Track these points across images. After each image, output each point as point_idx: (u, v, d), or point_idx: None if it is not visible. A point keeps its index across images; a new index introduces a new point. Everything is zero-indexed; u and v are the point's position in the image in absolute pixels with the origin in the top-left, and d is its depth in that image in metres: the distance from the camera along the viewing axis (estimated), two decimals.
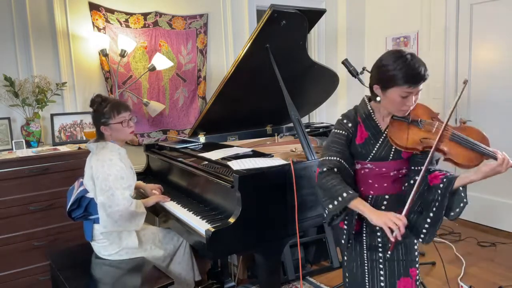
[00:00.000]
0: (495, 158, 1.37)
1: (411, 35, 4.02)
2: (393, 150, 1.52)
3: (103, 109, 2.08)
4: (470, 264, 2.94)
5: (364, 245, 1.61)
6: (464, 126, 1.49)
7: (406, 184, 1.56)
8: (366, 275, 1.62)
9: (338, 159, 1.50)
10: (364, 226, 1.61)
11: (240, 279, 2.79)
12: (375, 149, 1.53)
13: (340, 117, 1.59)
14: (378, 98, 1.50)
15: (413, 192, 1.42)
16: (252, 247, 1.88)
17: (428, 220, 1.49)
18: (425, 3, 3.87)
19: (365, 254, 1.62)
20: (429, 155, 1.42)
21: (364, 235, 1.61)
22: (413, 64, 1.39)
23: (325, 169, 1.49)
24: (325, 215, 1.52)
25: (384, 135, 1.53)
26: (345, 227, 1.55)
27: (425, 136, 1.46)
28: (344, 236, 1.57)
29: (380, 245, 1.59)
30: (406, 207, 1.40)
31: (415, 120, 1.50)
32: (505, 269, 2.86)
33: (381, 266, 1.59)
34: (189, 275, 2.32)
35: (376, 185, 1.57)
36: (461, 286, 2.63)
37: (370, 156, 1.54)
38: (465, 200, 1.44)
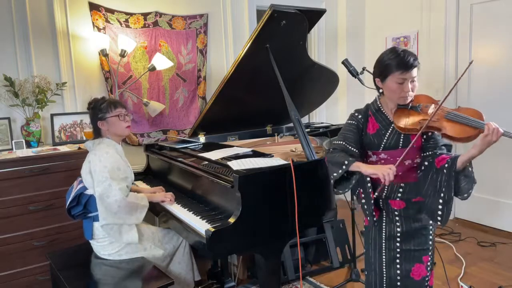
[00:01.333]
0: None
1: (411, 35, 4.02)
2: (402, 138, 1.65)
3: (100, 105, 2.15)
4: (470, 264, 2.94)
5: (383, 234, 1.73)
6: (461, 108, 1.59)
7: (419, 172, 1.67)
8: (384, 264, 1.74)
9: (343, 143, 1.70)
10: (384, 216, 1.74)
11: (240, 279, 2.79)
12: (386, 138, 1.67)
13: (353, 111, 1.77)
14: (381, 90, 1.69)
15: (407, 149, 1.56)
16: (252, 247, 1.88)
17: (441, 201, 1.58)
18: (425, 3, 3.87)
19: (383, 244, 1.74)
20: (423, 127, 1.54)
21: (384, 224, 1.73)
22: (404, 53, 1.60)
23: (331, 149, 1.72)
24: (331, 182, 1.69)
25: (393, 125, 1.67)
26: (363, 200, 1.71)
27: (423, 118, 1.58)
28: (366, 207, 1.71)
29: (398, 234, 1.71)
30: (399, 160, 1.56)
31: (414, 105, 1.64)
32: (505, 269, 2.86)
33: (398, 255, 1.71)
34: (189, 275, 2.32)
35: None
36: (461, 286, 2.63)
37: (382, 145, 1.67)
38: (473, 175, 1.55)
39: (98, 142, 2.15)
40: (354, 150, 1.68)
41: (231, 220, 1.76)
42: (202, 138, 2.93)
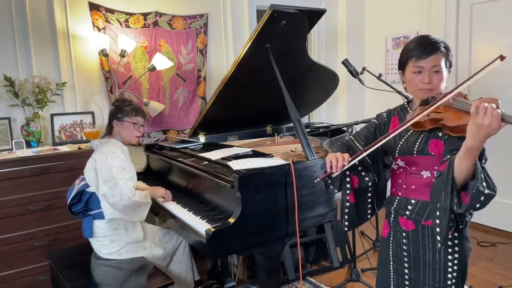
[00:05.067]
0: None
1: (411, 35, 4.02)
2: (418, 141, 1.38)
3: (124, 107, 2.20)
4: (470, 264, 2.91)
5: (391, 255, 1.52)
6: (482, 98, 1.23)
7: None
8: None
9: (352, 137, 1.58)
10: (391, 235, 1.52)
11: (240, 279, 2.79)
12: (402, 140, 1.43)
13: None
14: (404, 85, 1.48)
15: (367, 147, 1.39)
16: (252, 247, 1.88)
17: (438, 213, 1.24)
18: (425, 3, 3.87)
19: (391, 265, 1.52)
20: (423, 113, 1.27)
21: (391, 244, 1.51)
22: (424, 37, 1.38)
23: (338, 143, 1.59)
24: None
25: None
26: (347, 204, 1.51)
27: (433, 110, 1.29)
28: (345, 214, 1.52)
29: (406, 259, 1.46)
30: (358, 155, 1.39)
31: (433, 98, 1.34)
32: (505, 269, 2.86)
33: (407, 283, 1.46)
34: (189, 275, 2.32)
35: (404, 186, 1.46)
36: None
37: (398, 149, 1.44)
38: (477, 185, 1.13)
39: (105, 141, 2.16)
40: (359, 146, 1.52)
41: (231, 220, 1.76)
42: (202, 138, 2.93)
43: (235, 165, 1.91)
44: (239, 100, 2.71)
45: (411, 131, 1.41)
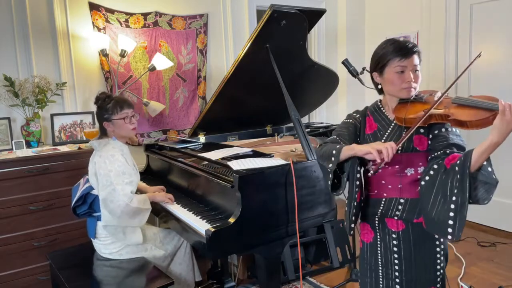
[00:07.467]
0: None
1: (411, 35, 4.02)
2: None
3: (106, 105, 2.12)
4: (470, 264, 2.94)
5: (379, 260, 1.51)
6: (472, 96, 1.35)
7: (423, 183, 1.37)
8: None
9: (336, 137, 1.55)
10: (379, 239, 1.51)
11: (240, 279, 2.79)
12: (383, 139, 1.46)
13: (351, 112, 1.62)
14: (380, 87, 1.52)
15: (411, 129, 1.34)
16: (252, 247, 1.88)
17: (452, 206, 1.27)
18: (425, 3, 3.87)
19: (380, 271, 1.51)
20: (427, 112, 1.32)
21: (379, 248, 1.51)
22: (400, 40, 1.44)
23: (321, 143, 1.56)
24: (329, 183, 1.49)
25: (392, 125, 1.47)
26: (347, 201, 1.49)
27: (427, 107, 1.35)
28: (346, 209, 1.47)
29: (397, 261, 1.47)
30: (401, 139, 1.36)
31: (417, 96, 1.44)
32: (505, 269, 2.86)
33: (397, 286, 1.48)
34: (189, 275, 2.32)
35: (389, 186, 1.46)
36: (461, 286, 2.63)
37: None
38: (493, 176, 1.25)
39: (104, 143, 2.12)
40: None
41: (231, 220, 1.76)
42: (202, 138, 2.93)
43: (235, 165, 1.91)
44: (239, 100, 2.71)
45: (391, 129, 1.46)
